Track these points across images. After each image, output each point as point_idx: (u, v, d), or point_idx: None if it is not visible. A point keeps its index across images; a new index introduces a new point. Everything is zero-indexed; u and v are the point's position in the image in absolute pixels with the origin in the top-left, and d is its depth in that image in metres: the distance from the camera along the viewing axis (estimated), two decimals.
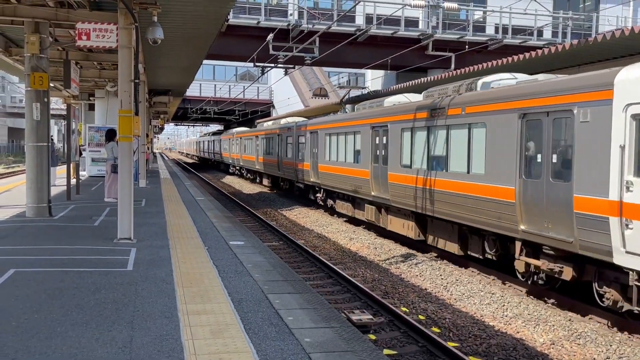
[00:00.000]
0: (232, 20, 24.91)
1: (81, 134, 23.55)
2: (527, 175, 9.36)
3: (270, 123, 34.51)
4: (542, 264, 9.09)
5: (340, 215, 19.47)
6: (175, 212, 13.72)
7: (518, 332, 8.23)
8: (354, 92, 31.60)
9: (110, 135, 15.32)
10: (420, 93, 14.52)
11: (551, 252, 8.89)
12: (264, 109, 56.45)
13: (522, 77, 11.07)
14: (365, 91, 29.96)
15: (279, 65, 24.16)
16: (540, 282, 9.47)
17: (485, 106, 10.36)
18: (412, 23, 27.85)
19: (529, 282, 9.69)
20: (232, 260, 8.43)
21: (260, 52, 23.83)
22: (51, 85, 13.26)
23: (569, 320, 8.44)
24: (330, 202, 20.19)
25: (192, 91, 48.79)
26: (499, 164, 9.98)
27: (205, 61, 22.39)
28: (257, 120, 46.91)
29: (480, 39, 27.70)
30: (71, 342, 4.80)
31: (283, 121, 28.42)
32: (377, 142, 15.42)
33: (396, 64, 26.24)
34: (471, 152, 10.89)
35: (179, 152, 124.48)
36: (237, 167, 41.60)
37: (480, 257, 11.10)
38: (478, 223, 10.61)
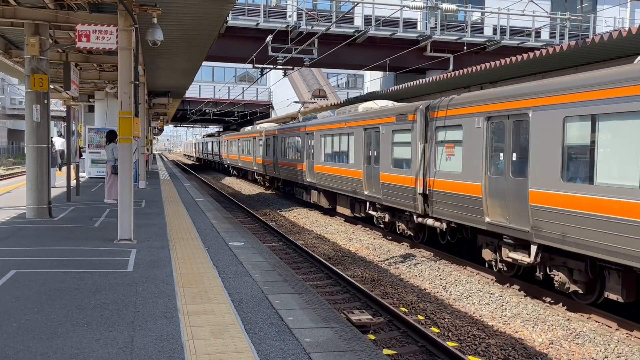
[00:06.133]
0: (231, 21, 24.95)
1: (81, 136, 23.57)
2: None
3: (249, 128, 36.88)
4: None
5: (339, 214, 19.52)
6: (175, 213, 13.75)
7: (517, 332, 8.27)
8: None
9: (111, 136, 15.34)
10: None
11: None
12: (263, 110, 56.45)
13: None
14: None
15: (278, 67, 24.21)
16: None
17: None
18: (410, 24, 27.90)
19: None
20: (232, 260, 8.46)
21: (259, 54, 23.87)
22: (51, 87, 13.29)
23: (568, 319, 8.47)
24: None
25: (192, 92, 48.79)
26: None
27: (204, 63, 22.40)
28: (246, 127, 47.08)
29: (478, 40, 27.75)
30: (72, 343, 4.82)
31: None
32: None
33: (395, 65, 26.29)
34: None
35: (184, 154, 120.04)
36: (236, 168, 42.28)
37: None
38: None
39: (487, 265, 10.96)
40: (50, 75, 12.27)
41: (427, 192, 12.45)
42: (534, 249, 9.22)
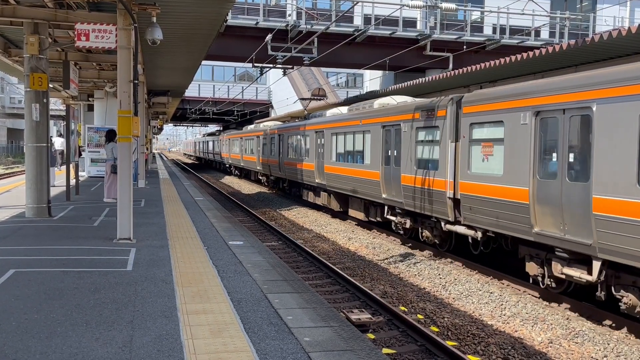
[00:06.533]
0: (231, 21, 24.93)
1: (80, 135, 23.56)
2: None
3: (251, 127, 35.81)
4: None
5: (336, 213, 19.52)
6: (174, 213, 13.75)
7: (516, 331, 8.27)
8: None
9: (110, 135, 15.34)
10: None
11: None
12: (262, 110, 56.45)
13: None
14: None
15: (278, 66, 24.20)
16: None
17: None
18: (410, 23, 27.89)
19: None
20: (232, 260, 8.46)
21: (259, 53, 23.87)
22: (50, 86, 13.26)
23: (567, 319, 8.48)
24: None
25: (191, 92, 48.75)
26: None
27: (204, 62, 22.41)
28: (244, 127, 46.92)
29: (478, 39, 27.74)
30: (71, 342, 4.82)
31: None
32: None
33: (394, 64, 26.27)
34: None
35: (184, 153, 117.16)
36: (237, 168, 41.40)
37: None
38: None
39: (531, 281, 9.77)
40: (50, 74, 12.26)
41: (458, 197, 11.23)
42: (597, 265, 8.02)
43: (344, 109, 19.48)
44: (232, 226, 12.08)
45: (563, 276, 8.77)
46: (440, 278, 11.04)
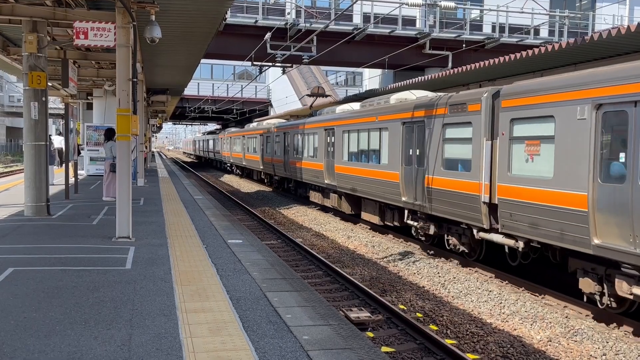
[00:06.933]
0: (230, 19, 24.93)
1: (79, 134, 23.54)
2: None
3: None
4: None
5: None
6: (173, 211, 13.74)
7: (515, 330, 8.27)
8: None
9: (109, 134, 15.33)
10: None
11: None
12: (261, 108, 56.46)
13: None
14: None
15: (277, 64, 24.20)
16: None
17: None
18: (409, 22, 27.89)
19: None
20: (231, 258, 8.45)
21: (258, 51, 23.86)
22: (49, 84, 13.26)
23: (566, 317, 8.48)
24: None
25: (190, 90, 48.77)
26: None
27: (203, 60, 22.40)
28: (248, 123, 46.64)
29: (477, 37, 27.75)
30: (70, 341, 4.82)
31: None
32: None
33: (393, 62, 26.29)
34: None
35: (183, 152, 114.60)
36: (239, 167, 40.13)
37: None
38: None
39: (585, 299, 8.67)
40: (49, 73, 12.25)
41: (495, 202, 10.02)
42: None
43: (355, 105, 18.44)
44: (231, 225, 12.07)
45: (631, 296, 7.58)
46: (440, 276, 11.05)
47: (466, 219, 10.86)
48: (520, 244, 9.52)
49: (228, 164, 45.50)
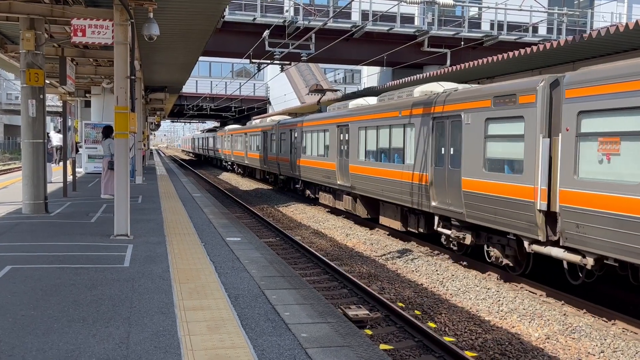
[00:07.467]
0: (228, 16, 24.91)
1: (77, 131, 23.51)
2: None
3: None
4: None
5: (335, 211, 19.50)
6: (171, 209, 13.73)
7: (513, 327, 8.28)
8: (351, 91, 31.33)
9: (107, 131, 15.31)
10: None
11: None
12: (260, 106, 56.43)
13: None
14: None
15: (275, 62, 24.17)
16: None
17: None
18: (407, 19, 27.88)
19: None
20: (229, 256, 8.45)
21: (256, 49, 23.84)
22: (47, 82, 13.25)
23: (564, 314, 8.49)
24: None
25: (189, 88, 48.72)
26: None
27: (201, 58, 22.38)
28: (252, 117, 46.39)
29: (475, 35, 27.75)
30: (68, 339, 4.81)
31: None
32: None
33: (392, 60, 26.28)
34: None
35: (182, 150, 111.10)
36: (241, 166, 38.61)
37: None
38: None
39: None
40: (46, 70, 12.23)
41: (555, 210, 8.56)
42: None
43: (371, 100, 17.13)
44: (229, 222, 12.07)
45: None
46: (438, 274, 11.05)
47: (515, 228, 9.44)
48: (590, 261, 8.03)
49: (229, 163, 43.95)
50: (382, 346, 7.24)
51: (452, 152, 11.37)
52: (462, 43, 25.55)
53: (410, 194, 12.99)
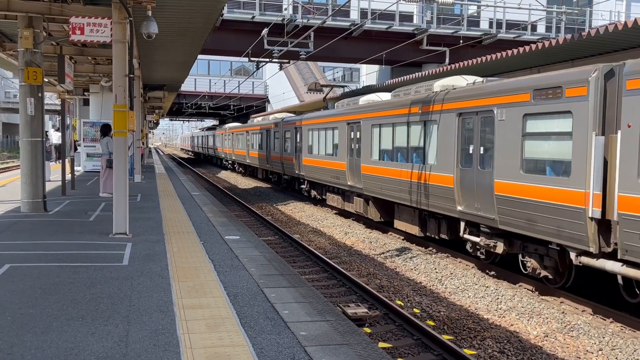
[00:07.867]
0: (227, 15, 24.89)
1: (76, 129, 23.51)
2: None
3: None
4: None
5: (344, 213, 19.49)
6: (170, 207, 13.73)
7: (512, 325, 8.29)
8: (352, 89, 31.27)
9: (105, 130, 15.30)
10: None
11: None
12: (259, 104, 56.43)
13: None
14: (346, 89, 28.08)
15: (274, 60, 24.16)
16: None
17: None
18: (406, 18, 27.88)
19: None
20: (228, 254, 8.45)
21: (255, 47, 23.84)
22: (45, 80, 13.22)
23: (562, 312, 8.51)
24: None
25: (187, 86, 48.69)
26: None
27: (200, 56, 22.36)
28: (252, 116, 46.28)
29: (474, 33, 27.76)
30: (67, 337, 4.81)
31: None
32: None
33: (391, 58, 26.28)
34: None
35: (181, 148, 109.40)
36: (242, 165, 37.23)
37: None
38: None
39: None
40: (45, 69, 12.21)
41: (613, 217, 7.56)
42: None
43: (384, 95, 16.29)
44: (228, 221, 12.07)
45: None
46: (437, 272, 11.06)
47: (559, 237, 8.47)
48: None
49: (229, 162, 42.62)
50: (381, 344, 7.25)
51: (481, 152, 10.38)
52: (461, 41, 25.55)
53: (431, 196, 11.98)
